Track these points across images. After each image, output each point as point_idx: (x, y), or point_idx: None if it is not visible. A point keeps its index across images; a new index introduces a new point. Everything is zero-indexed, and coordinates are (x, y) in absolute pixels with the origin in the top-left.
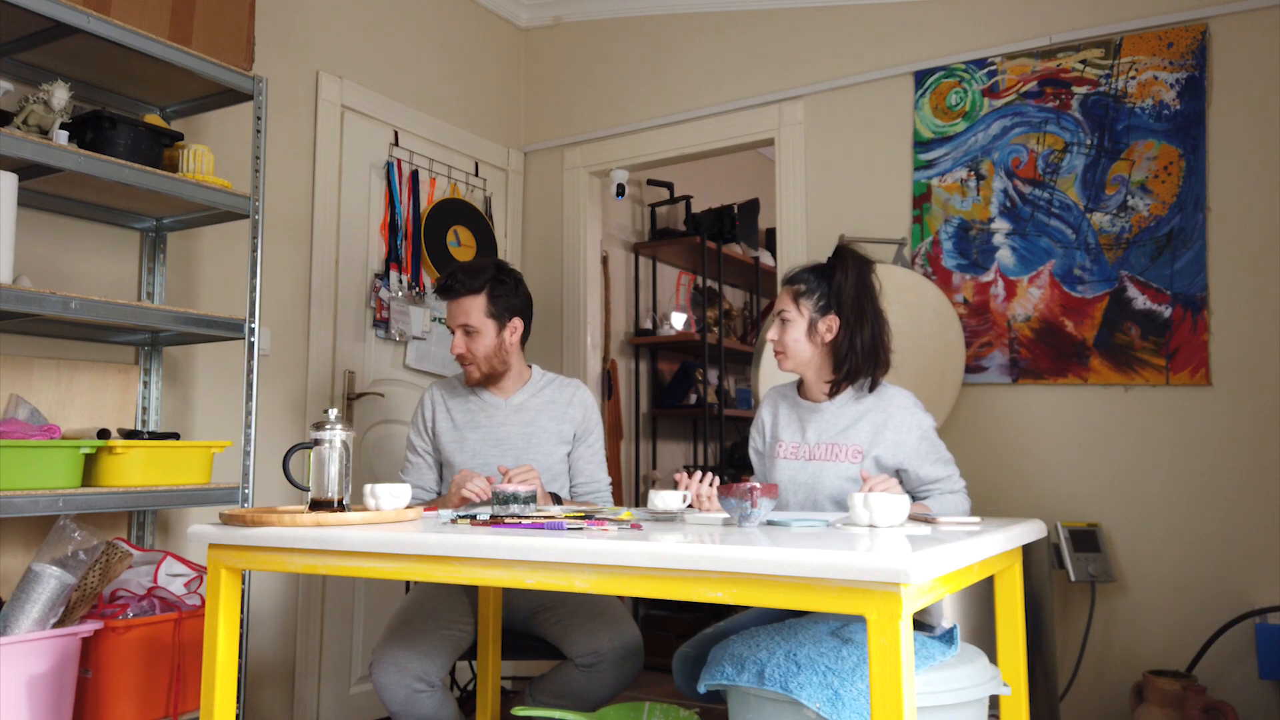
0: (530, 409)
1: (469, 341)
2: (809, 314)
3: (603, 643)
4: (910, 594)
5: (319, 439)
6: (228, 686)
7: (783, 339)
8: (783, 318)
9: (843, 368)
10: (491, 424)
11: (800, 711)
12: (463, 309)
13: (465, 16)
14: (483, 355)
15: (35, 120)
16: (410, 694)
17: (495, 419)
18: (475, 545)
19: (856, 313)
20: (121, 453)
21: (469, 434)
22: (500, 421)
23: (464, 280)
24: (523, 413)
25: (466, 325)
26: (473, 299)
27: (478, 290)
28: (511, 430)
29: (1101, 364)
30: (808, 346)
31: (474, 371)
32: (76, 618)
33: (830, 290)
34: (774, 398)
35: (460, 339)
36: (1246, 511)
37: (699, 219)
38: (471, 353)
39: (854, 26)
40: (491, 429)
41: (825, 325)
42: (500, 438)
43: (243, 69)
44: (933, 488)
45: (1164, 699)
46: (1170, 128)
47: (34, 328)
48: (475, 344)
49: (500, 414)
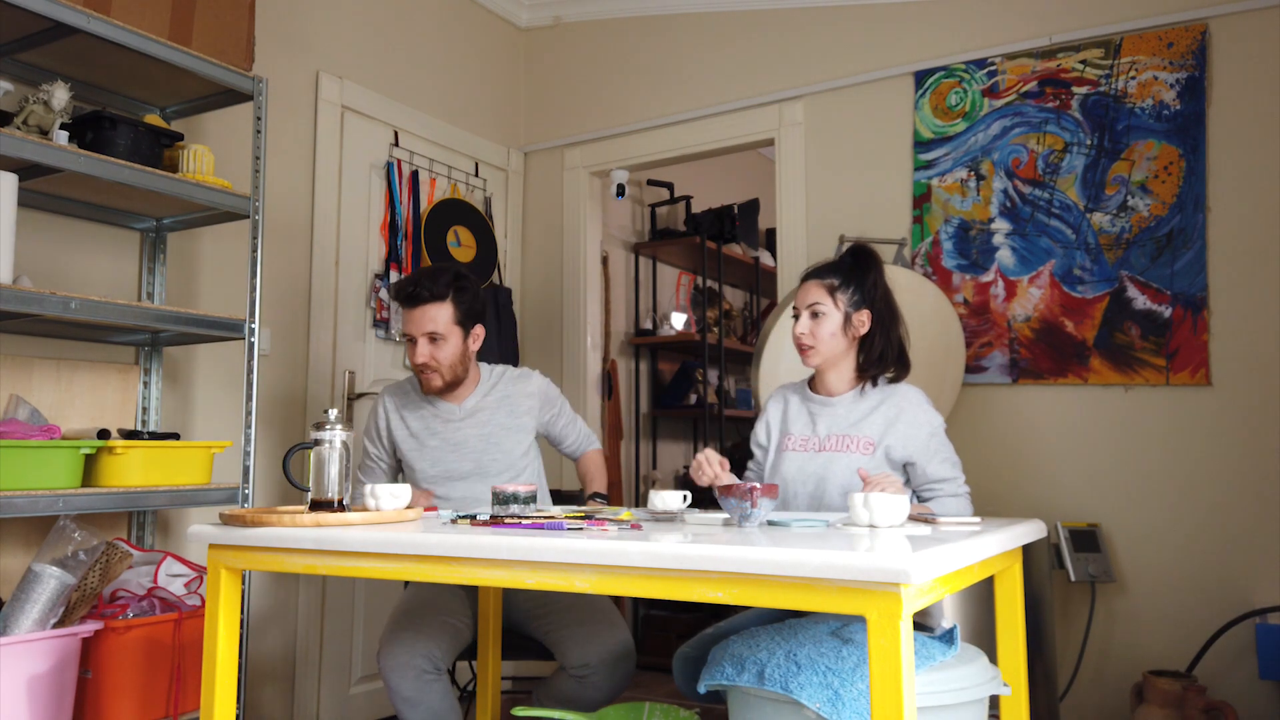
0: (484, 409)
1: (434, 350)
2: (844, 308)
3: (591, 654)
4: (910, 594)
5: (319, 439)
6: (228, 686)
7: (816, 332)
8: (815, 311)
9: (876, 363)
10: (447, 430)
11: (800, 712)
12: (429, 316)
13: (465, 17)
14: (448, 364)
15: (35, 120)
16: (419, 675)
17: (450, 424)
18: (475, 545)
19: (888, 309)
20: (121, 453)
21: (428, 441)
22: (456, 427)
23: (429, 287)
24: (478, 414)
25: (434, 333)
26: (439, 306)
27: (443, 297)
28: (469, 434)
29: (1101, 364)
30: (841, 341)
31: (436, 380)
32: (77, 618)
33: (864, 286)
34: (783, 394)
35: (424, 347)
36: (1246, 511)
37: (699, 219)
38: (436, 360)
39: (854, 26)
40: (448, 434)
41: (859, 320)
42: (458, 442)
43: (243, 69)
44: (938, 488)
45: (1164, 699)
46: (1170, 128)
47: (34, 328)
48: (440, 352)
49: (454, 419)
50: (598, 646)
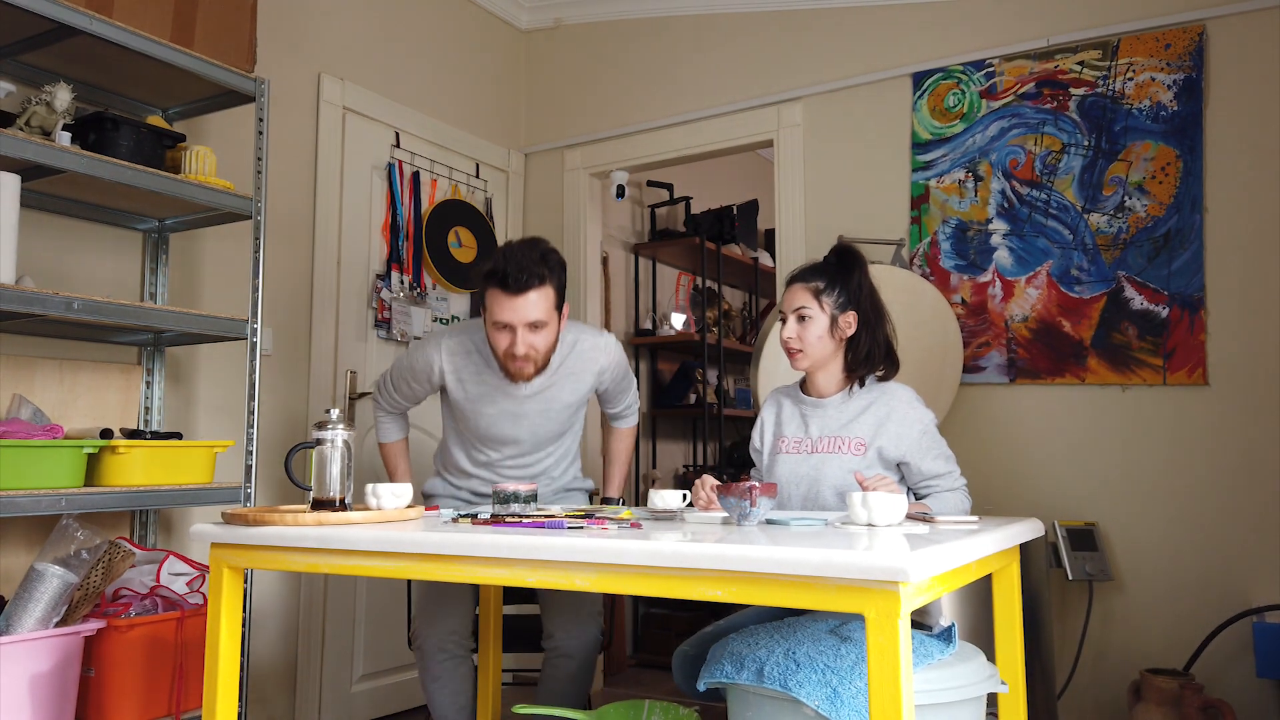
0: (551, 387)
1: (534, 338)
2: (830, 310)
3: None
4: (909, 592)
5: (321, 438)
6: (230, 685)
7: (803, 336)
8: (802, 315)
9: (864, 364)
10: (509, 402)
11: (799, 709)
12: (533, 304)
13: (466, 19)
14: (545, 352)
15: (38, 122)
16: (450, 657)
17: (513, 397)
18: (476, 544)
19: (873, 308)
20: (124, 452)
21: (484, 407)
22: (518, 402)
23: (535, 270)
24: (544, 393)
25: (537, 321)
26: (542, 291)
27: (545, 280)
28: (530, 408)
29: (1099, 364)
30: (829, 343)
31: (529, 369)
32: (79, 617)
33: (849, 287)
34: (776, 397)
35: (525, 337)
36: (1244, 510)
37: (698, 220)
38: (536, 350)
39: (852, 28)
40: (509, 406)
41: (845, 321)
42: (519, 415)
43: (245, 71)
44: (934, 483)
45: (1161, 697)
46: (1167, 129)
47: (37, 328)
48: (541, 340)
49: (518, 395)
50: (564, 636)
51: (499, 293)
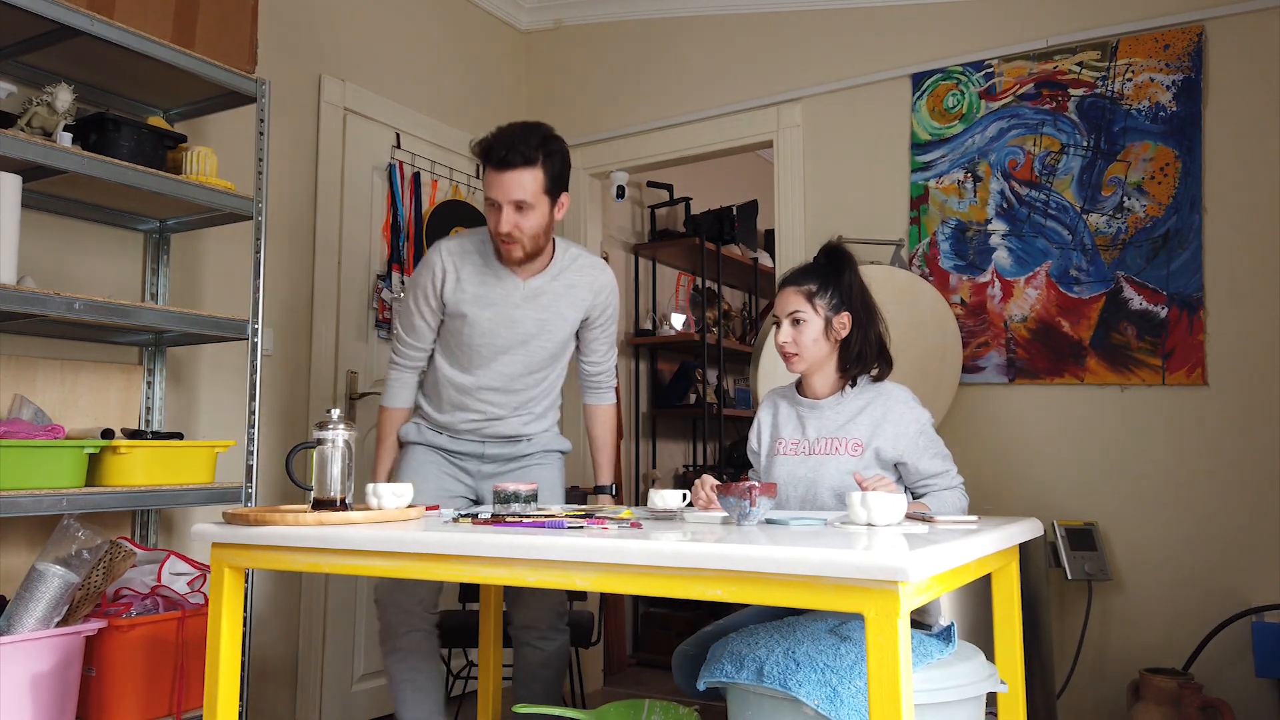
0: (548, 294)
1: (520, 218)
2: (824, 313)
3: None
4: (908, 592)
5: (322, 438)
6: (230, 685)
7: (798, 340)
8: (796, 318)
9: (855, 363)
10: (506, 304)
11: (799, 709)
12: (519, 182)
13: (466, 20)
14: (531, 234)
15: (39, 122)
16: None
17: (510, 300)
18: (476, 544)
19: (865, 308)
20: (125, 452)
21: (482, 310)
22: (515, 304)
23: (521, 150)
24: (540, 298)
25: (521, 201)
26: (529, 171)
27: (534, 161)
28: (526, 314)
29: (1098, 364)
30: (825, 345)
31: (517, 250)
32: (80, 616)
33: (841, 288)
34: (773, 399)
35: (509, 215)
36: (1242, 510)
37: (698, 220)
38: (521, 230)
39: (852, 29)
40: (505, 309)
41: (839, 323)
42: (514, 320)
43: (245, 72)
44: (931, 483)
45: (1161, 697)
46: (1166, 129)
47: (38, 328)
48: (526, 221)
49: (515, 295)
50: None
51: (488, 168)
